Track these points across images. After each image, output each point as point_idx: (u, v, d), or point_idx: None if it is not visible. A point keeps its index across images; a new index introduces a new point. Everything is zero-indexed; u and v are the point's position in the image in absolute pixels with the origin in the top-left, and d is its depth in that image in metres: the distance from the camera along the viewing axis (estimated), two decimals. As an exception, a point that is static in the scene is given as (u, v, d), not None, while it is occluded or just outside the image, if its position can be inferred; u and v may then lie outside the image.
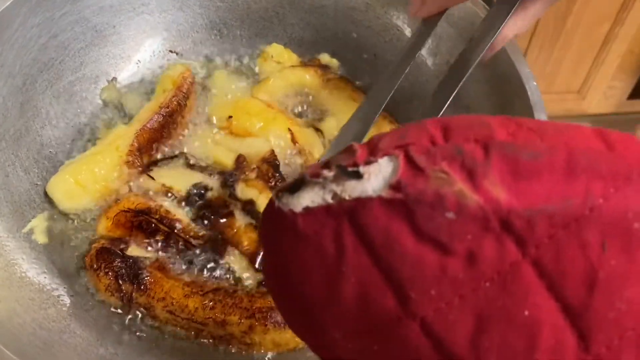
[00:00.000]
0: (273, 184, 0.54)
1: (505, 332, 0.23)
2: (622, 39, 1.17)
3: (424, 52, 0.60)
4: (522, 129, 0.24)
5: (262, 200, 0.53)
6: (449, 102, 0.48)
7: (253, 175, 0.54)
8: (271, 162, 0.55)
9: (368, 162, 0.24)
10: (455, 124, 0.25)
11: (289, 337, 0.47)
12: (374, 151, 0.25)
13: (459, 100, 0.58)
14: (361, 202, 0.23)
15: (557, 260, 0.22)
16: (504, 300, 0.23)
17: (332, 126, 0.61)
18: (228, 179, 0.54)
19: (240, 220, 0.52)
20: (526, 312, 0.23)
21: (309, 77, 0.63)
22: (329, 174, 0.24)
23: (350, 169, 0.24)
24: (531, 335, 0.23)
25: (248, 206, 0.52)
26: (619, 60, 1.23)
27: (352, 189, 0.24)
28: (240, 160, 0.55)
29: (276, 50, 0.65)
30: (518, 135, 0.24)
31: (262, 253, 0.28)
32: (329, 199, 0.24)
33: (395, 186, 0.23)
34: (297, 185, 0.25)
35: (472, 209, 0.22)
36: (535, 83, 0.51)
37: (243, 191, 0.54)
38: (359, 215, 0.24)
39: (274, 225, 0.26)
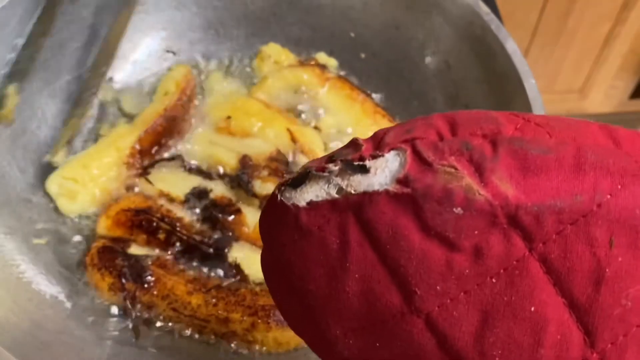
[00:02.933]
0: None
1: (511, 328, 0.23)
2: (624, 38, 1.17)
3: (423, 51, 0.60)
4: (530, 125, 0.24)
5: None
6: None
7: (265, 172, 0.54)
8: (280, 159, 0.55)
9: (374, 156, 0.24)
10: (463, 119, 0.25)
11: (291, 336, 0.47)
12: (379, 145, 0.25)
13: (458, 99, 0.59)
14: (367, 197, 0.23)
15: (565, 256, 0.22)
16: (510, 296, 0.23)
17: (330, 124, 0.61)
18: (242, 177, 0.54)
19: (257, 217, 0.51)
20: (532, 308, 0.23)
21: (307, 77, 0.63)
22: (334, 167, 0.24)
23: (356, 163, 0.24)
24: (537, 331, 0.23)
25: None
26: (621, 60, 1.24)
27: (358, 183, 0.24)
28: (245, 160, 0.55)
29: (273, 49, 0.65)
30: (526, 130, 0.24)
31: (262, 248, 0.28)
32: (333, 193, 0.24)
33: (402, 181, 0.23)
34: (301, 179, 0.25)
35: (479, 205, 0.22)
36: (533, 81, 0.51)
37: (260, 187, 0.53)
38: (364, 210, 0.23)
39: (276, 219, 0.26)
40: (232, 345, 0.48)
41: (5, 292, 0.46)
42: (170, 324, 0.48)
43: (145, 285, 0.48)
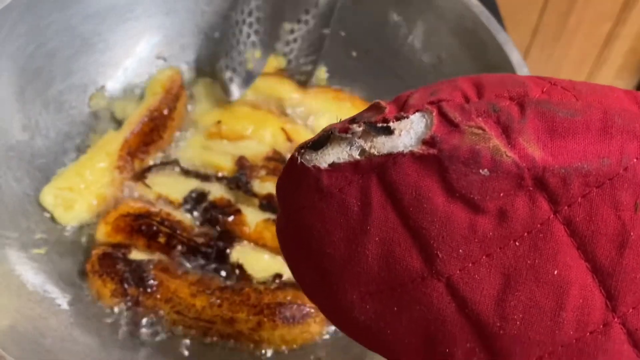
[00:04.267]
0: None
1: (533, 291, 0.23)
2: (625, 38, 1.18)
3: (415, 46, 0.60)
4: (557, 88, 0.24)
5: None
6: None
7: (263, 172, 0.54)
8: (277, 158, 0.55)
9: (398, 118, 0.23)
10: (489, 82, 0.25)
11: (297, 333, 0.47)
12: (403, 107, 0.24)
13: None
14: (391, 158, 0.23)
15: (590, 219, 0.22)
16: (534, 259, 0.23)
17: (323, 124, 0.61)
18: (240, 178, 0.54)
19: (257, 216, 0.51)
20: (555, 272, 0.23)
21: (286, 86, 0.62)
22: (357, 129, 0.23)
23: (379, 124, 0.23)
24: (559, 294, 0.23)
25: (266, 200, 0.52)
26: (621, 60, 1.24)
27: (381, 145, 0.23)
28: (242, 161, 0.55)
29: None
30: (553, 93, 0.24)
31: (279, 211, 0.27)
32: (356, 155, 0.23)
33: (428, 141, 0.23)
34: (322, 141, 0.24)
35: (506, 166, 0.22)
36: (526, 69, 0.51)
37: (259, 186, 0.53)
38: (388, 171, 0.23)
39: (295, 181, 0.25)
40: (238, 345, 0.47)
41: (8, 302, 0.45)
42: (175, 327, 0.48)
43: (148, 290, 0.48)
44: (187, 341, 0.48)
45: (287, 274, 0.50)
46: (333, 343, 0.49)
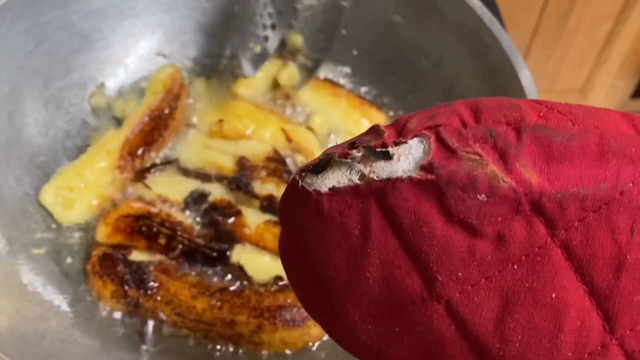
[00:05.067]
0: (287, 178, 0.54)
1: (531, 314, 0.23)
2: (625, 37, 1.18)
3: (416, 46, 0.60)
4: (553, 112, 0.24)
5: (281, 193, 0.52)
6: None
7: (264, 173, 0.54)
8: (277, 159, 0.55)
9: (397, 143, 0.24)
10: (485, 106, 0.25)
11: (297, 336, 0.47)
12: (402, 132, 0.25)
13: (452, 93, 0.59)
14: (390, 183, 0.23)
15: (587, 243, 0.22)
16: (532, 282, 0.23)
17: (321, 123, 0.61)
18: (241, 179, 0.54)
19: (258, 218, 0.51)
20: (553, 295, 0.23)
21: (286, 71, 0.62)
22: (357, 154, 0.24)
23: (378, 149, 0.24)
24: (557, 317, 0.23)
25: (267, 201, 0.52)
26: (622, 59, 1.24)
27: (381, 170, 0.24)
28: (243, 161, 0.55)
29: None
30: (549, 118, 0.24)
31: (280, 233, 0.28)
32: (356, 179, 0.24)
33: (426, 167, 0.23)
34: (323, 165, 0.25)
35: (503, 192, 0.22)
36: (528, 72, 0.51)
37: (260, 187, 0.53)
38: (387, 196, 0.23)
39: (296, 205, 0.26)
40: (238, 348, 0.48)
41: (8, 303, 0.45)
42: (175, 329, 0.48)
43: (149, 292, 0.48)
44: (188, 343, 0.48)
45: (287, 277, 0.50)
46: (333, 345, 0.49)
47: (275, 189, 0.53)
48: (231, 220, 0.51)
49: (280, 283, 0.49)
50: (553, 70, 1.24)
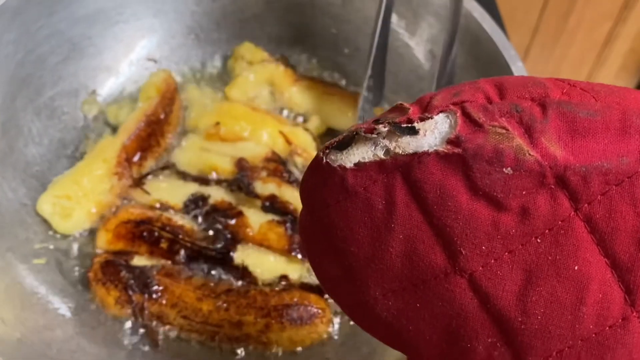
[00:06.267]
0: (287, 178, 0.54)
1: (554, 287, 0.23)
2: (625, 37, 1.18)
3: (407, 42, 0.61)
4: (576, 89, 0.25)
5: (283, 193, 0.53)
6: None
7: (264, 173, 0.54)
8: (276, 160, 0.55)
9: (422, 119, 0.24)
10: (510, 83, 0.25)
11: (305, 334, 0.47)
12: (427, 108, 0.25)
13: (445, 85, 0.59)
14: (416, 157, 0.24)
15: (609, 216, 0.23)
16: (554, 255, 0.23)
17: (318, 125, 0.61)
18: (242, 180, 0.54)
19: (260, 218, 0.51)
20: (576, 267, 0.23)
21: (278, 73, 0.62)
22: (383, 129, 0.24)
23: (404, 125, 0.24)
24: (579, 290, 0.23)
25: (269, 201, 0.52)
26: (621, 60, 1.24)
27: (406, 145, 0.24)
28: (242, 162, 0.54)
29: (247, 49, 0.64)
30: (572, 94, 0.24)
31: (302, 209, 0.28)
32: (381, 154, 0.24)
33: (453, 141, 0.23)
34: (347, 141, 0.25)
35: (529, 165, 0.23)
36: (521, 64, 0.52)
37: (261, 188, 0.53)
38: (413, 170, 0.24)
39: (320, 180, 0.26)
40: (247, 348, 0.48)
41: (12, 314, 0.45)
42: (182, 332, 0.48)
43: (154, 296, 0.48)
44: (195, 346, 0.48)
45: (293, 275, 0.50)
46: (342, 343, 0.49)
47: (276, 188, 0.53)
48: (233, 221, 0.51)
49: (286, 282, 0.49)
50: (553, 70, 1.25)
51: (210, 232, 0.51)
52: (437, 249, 0.24)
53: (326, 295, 0.49)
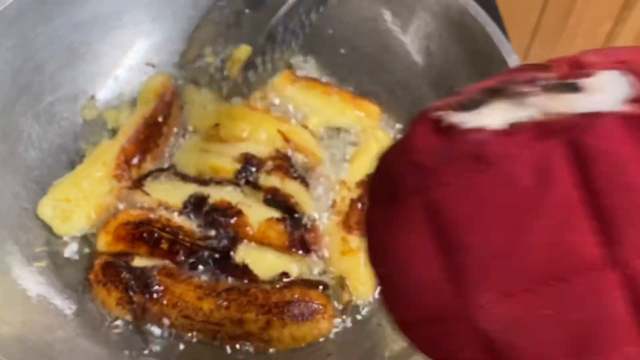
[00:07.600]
0: (291, 172, 0.54)
1: None
2: (625, 38, 1.17)
3: (403, 40, 0.61)
4: None
5: (285, 186, 0.53)
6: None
7: (270, 164, 0.54)
8: (281, 157, 0.55)
9: (585, 76, 0.20)
10: None
11: (306, 330, 0.47)
12: (581, 66, 0.21)
13: (441, 83, 0.59)
14: (586, 119, 0.19)
15: None
16: None
17: (317, 123, 0.61)
18: (248, 169, 0.54)
19: (259, 216, 0.51)
20: None
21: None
22: (542, 82, 0.20)
23: (562, 81, 0.20)
24: None
25: (271, 194, 0.52)
26: None
27: (573, 104, 0.19)
28: (248, 156, 0.54)
29: (244, 52, 0.64)
30: None
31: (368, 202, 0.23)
32: (536, 114, 0.19)
33: (637, 100, 0.19)
34: (480, 100, 0.20)
35: None
36: (516, 56, 0.52)
37: (265, 179, 0.53)
38: (582, 136, 0.19)
39: (432, 152, 0.21)
40: (248, 346, 0.47)
41: (14, 316, 0.45)
42: (183, 331, 0.48)
43: (154, 295, 0.48)
44: (197, 345, 0.48)
45: (294, 272, 0.50)
46: (343, 338, 0.49)
47: (279, 181, 0.53)
48: (233, 220, 0.51)
49: (286, 279, 0.49)
50: (552, 71, 1.24)
51: (211, 232, 0.51)
52: (591, 237, 0.19)
53: (326, 292, 0.49)
